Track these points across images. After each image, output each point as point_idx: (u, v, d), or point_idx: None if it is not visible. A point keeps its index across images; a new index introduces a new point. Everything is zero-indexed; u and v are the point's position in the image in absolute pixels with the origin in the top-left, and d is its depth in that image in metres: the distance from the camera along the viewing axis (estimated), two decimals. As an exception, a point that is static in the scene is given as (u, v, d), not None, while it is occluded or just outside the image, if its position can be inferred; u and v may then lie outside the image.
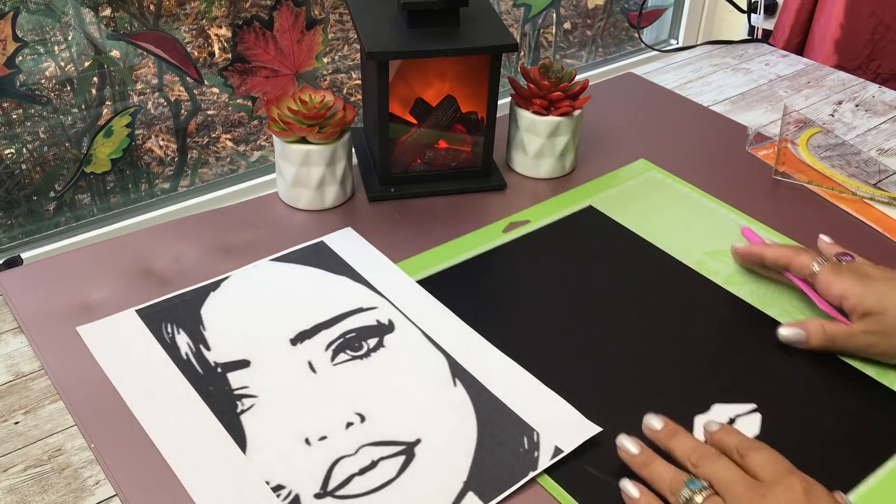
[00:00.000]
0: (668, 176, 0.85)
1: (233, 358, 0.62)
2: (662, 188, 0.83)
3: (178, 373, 0.60)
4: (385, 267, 0.71)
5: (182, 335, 0.63)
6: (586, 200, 0.81)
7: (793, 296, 0.70)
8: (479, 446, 0.55)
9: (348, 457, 0.55)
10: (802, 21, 1.25)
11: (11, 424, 0.57)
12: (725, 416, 0.59)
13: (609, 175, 0.85)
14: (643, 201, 0.81)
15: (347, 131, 0.76)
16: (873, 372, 0.63)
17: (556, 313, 0.67)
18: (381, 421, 0.57)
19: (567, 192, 0.82)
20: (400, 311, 0.66)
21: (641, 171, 0.85)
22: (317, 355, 0.62)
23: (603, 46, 1.46)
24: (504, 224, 0.77)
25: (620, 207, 0.80)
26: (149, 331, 0.64)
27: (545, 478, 0.54)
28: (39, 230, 0.97)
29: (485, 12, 0.77)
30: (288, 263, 0.71)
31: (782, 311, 0.68)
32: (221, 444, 0.55)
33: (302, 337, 0.64)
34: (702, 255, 0.74)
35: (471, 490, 0.53)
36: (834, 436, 0.58)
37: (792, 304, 0.69)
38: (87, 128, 0.96)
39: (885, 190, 0.84)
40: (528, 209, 0.79)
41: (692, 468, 0.51)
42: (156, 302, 0.66)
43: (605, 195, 0.81)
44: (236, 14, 1.01)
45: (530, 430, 0.57)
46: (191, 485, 0.52)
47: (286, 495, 0.52)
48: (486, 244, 0.74)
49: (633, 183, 0.84)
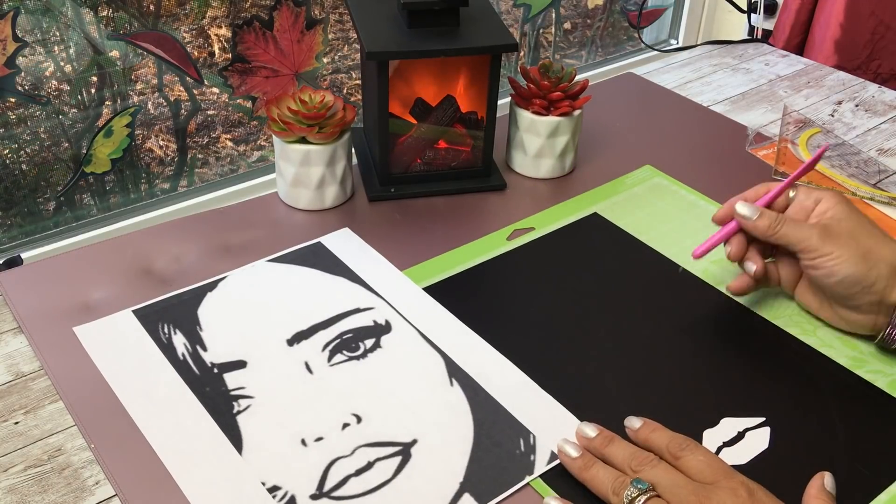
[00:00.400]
0: (674, 182, 0.84)
1: (229, 358, 0.62)
2: (668, 195, 0.82)
3: (174, 373, 0.60)
4: (382, 267, 0.71)
5: (179, 335, 0.63)
6: (591, 207, 0.80)
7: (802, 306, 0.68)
8: (476, 447, 0.55)
9: (344, 458, 0.55)
10: (802, 21, 1.25)
11: (11, 424, 0.57)
12: (734, 430, 0.57)
13: (614, 182, 0.84)
14: (648, 208, 0.80)
15: (347, 131, 0.76)
16: (884, 384, 0.62)
17: (560, 319, 0.67)
18: (378, 422, 0.57)
19: (572, 199, 0.81)
20: (397, 312, 0.66)
21: (647, 178, 0.85)
22: (313, 356, 0.62)
23: (603, 46, 1.46)
24: (508, 231, 0.76)
25: (626, 215, 0.79)
26: (145, 331, 0.64)
27: (538, 481, 0.54)
28: (39, 230, 0.97)
29: (485, 12, 0.77)
30: (285, 264, 0.71)
31: (790, 321, 0.67)
32: (217, 445, 0.55)
33: (299, 337, 0.64)
34: (708, 264, 0.73)
35: (467, 491, 0.53)
36: (845, 450, 0.57)
37: (800, 315, 0.68)
38: (87, 128, 0.96)
39: (884, 190, 0.84)
40: (532, 216, 0.78)
41: (633, 474, 0.51)
42: (153, 302, 0.66)
43: (610, 202, 0.81)
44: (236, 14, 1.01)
45: (527, 432, 0.56)
46: (186, 486, 0.52)
47: (282, 496, 0.52)
48: (491, 252, 0.74)
49: (638, 190, 0.83)
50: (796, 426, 0.58)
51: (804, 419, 0.59)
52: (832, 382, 0.62)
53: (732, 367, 0.63)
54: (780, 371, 0.63)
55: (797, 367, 0.63)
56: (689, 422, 0.58)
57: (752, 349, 0.65)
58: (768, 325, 0.67)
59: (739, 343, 0.65)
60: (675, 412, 0.59)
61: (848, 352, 0.64)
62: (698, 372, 0.63)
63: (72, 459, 0.54)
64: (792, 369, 0.63)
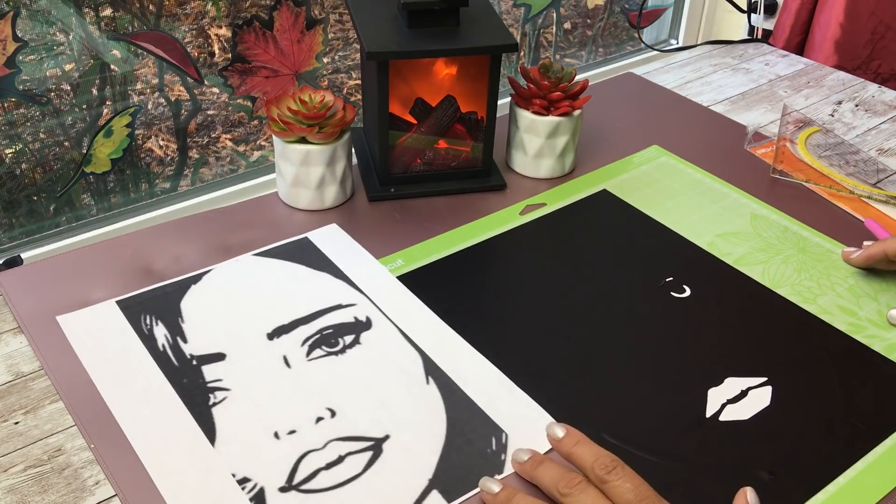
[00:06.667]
0: (681, 161, 0.87)
1: (209, 351, 0.62)
2: (675, 173, 0.85)
3: (153, 364, 0.61)
4: (368, 264, 0.71)
5: (160, 327, 0.64)
6: (600, 184, 0.83)
7: (803, 276, 0.71)
8: (448, 445, 0.56)
9: (316, 451, 0.55)
10: (802, 21, 1.25)
11: (11, 424, 0.57)
12: (738, 389, 0.60)
13: (622, 160, 0.87)
14: (656, 185, 0.83)
15: (347, 131, 0.76)
16: (881, 348, 0.64)
17: (569, 293, 0.69)
18: (352, 417, 0.57)
19: (581, 177, 0.84)
20: (378, 309, 0.66)
21: (654, 157, 0.88)
22: (292, 350, 0.62)
23: (603, 46, 1.46)
24: (521, 206, 0.79)
25: (634, 191, 0.82)
26: (127, 321, 0.64)
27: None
28: (39, 230, 0.97)
29: (485, 12, 0.77)
30: (270, 258, 0.71)
31: (792, 290, 0.70)
32: (191, 436, 0.55)
33: (279, 332, 0.64)
34: (713, 237, 0.76)
35: (435, 488, 0.53)
36: (842, 407, 0.59)
37: (802, 284, 0.70)
38: (87, 128, 0.96)
39: (883, 189, 0.84)
40: (544, 193, 0.82)
41: (560, 497, 0.50)
42: (137, 293, 0.67)
43: (619, 180, 0.84)
44: (236, 14, 1.01)
45: (499, 431, 0.57)
46: (157, 475, 0.53)
47: (251, 488, 0.52)
48: (505, 225, 0.77)
49: (646, 168, 0.86)
50: (796, 386, 0.61)
51: (804, 379, 0.62)
52: (831, 346, 0.65)
53: (737, 333, 0.66)
54: (782, 336, 0.66)
55: (798, 333, 0.66)
56: (696, 379, 0.61)
57: (755, 316, 0.68)
58: (771, 294, 0.70)
59: (743, 311, 0.68)
60: (681, 373, 0.62)
61: (847, 318, 0.67)
62: (705, 336, 0.66)
63: (72, 459, 0.55)
64: (793, 334, 0.66)
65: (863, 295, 0.70)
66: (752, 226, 0.78)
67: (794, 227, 0.78)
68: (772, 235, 0.76)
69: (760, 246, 0.75)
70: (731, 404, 0.59)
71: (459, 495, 0.52)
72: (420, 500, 0.52)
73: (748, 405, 0.59)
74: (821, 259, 0.74)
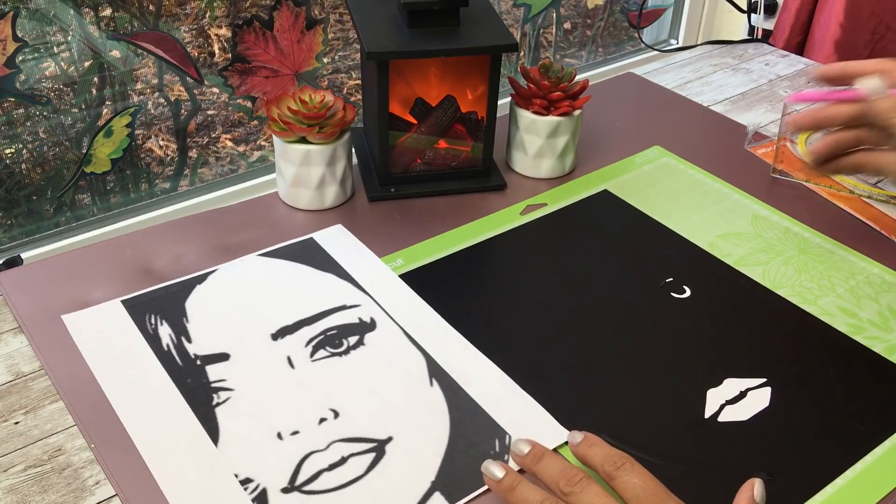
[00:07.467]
0: (682, 162, 0.87)
1: (213, 351, 0.62)
2: (676, 174, 0.85)
3: (157, 364, 0.60)
4: (373, 264, 0.71)
5: (165, 326, 0.64)
6: (601, 185, 0.83)
7: (804, 277, 0.71)
8: (450, 447, 0.55)
9: (318, 452, 0.55)
10: (802, 21, 1.25)
11: (11, 424, 0.57)
12: (737, 390, 0.60)
13: (624, 161, 0.87)
14: (657, 186, 0.83)
15: (347, 131, 0.76)
16: (881, 349, 0.64)
17: (570, 293, 0.69)
18: (355, 418, 0.57)
19: (582, 178, 0.84)
20: (383, 310, 0.66)
21: (655, 158, 0.88)
22: (296, 351, 0.62)
23: (603, 46, 1.46)
24: (522, 206, 0.79)
25: (635, 192, 0.82)
26: (132, 321, 0.64)
27: None
28: (39, 230, 0.97)
29: (485, 12, 0.77)
30: (276, 259, 0.71)
31: (792, 291, 0.70)
32: (194, 436, 0.55)
33: (283, 332, 0.64)
34: (714, 238, 0.76)
35: (438, 490, 0.53)
36: (841, 408, 0.59)
37: (802, 286, 0.70)
38: (87, 128, 0.96)
39: (883, 189, 0.84)
40: (544, 193, 0.82)
41: (562, 496, 0.49)
42: (142, 293, 0.67)
43: (620, 180, 0.84)
44: (236, 14, 1.01)
45: (502, 432, 0.56)
46: (159, 474, 0.53)
47: (253, 488, 0.52)
48: (505, 225, 0.77)
49: (647, 168, 0.86)
50: (796, 387, 0.61)
51: (804, 380, 0.62)
52: (831, 347, 0.65)
53: (736, 333, 0.66)
54: (782, 337, 0.66)
55: (798, 334, 0.66)
56: (695, 380, 0.61)
57: (755, 317, 0.68)
58: (772, 295, 0.70)
59: (743, 312, 0.68)
60: (680, 373, 0.62)
61: (847, 319, 0.67)
62: (704, 337, 0.66)
63: (72, 459, 0.55)
64: (793, 335, 0.66)
65: (863, 296, 0.70)
66: (754, 227, 0.78)
67: (796, 228, 0.78)
68: (773, 236, 0.76)
69: (761, 247, 0.75)
70: (731, 405, 0.59)
71: (462, 497, 0.52)
72: (422, 502, 0.52)
73: (747, 406, 0.59)
74: (822, 260, 0.74)
